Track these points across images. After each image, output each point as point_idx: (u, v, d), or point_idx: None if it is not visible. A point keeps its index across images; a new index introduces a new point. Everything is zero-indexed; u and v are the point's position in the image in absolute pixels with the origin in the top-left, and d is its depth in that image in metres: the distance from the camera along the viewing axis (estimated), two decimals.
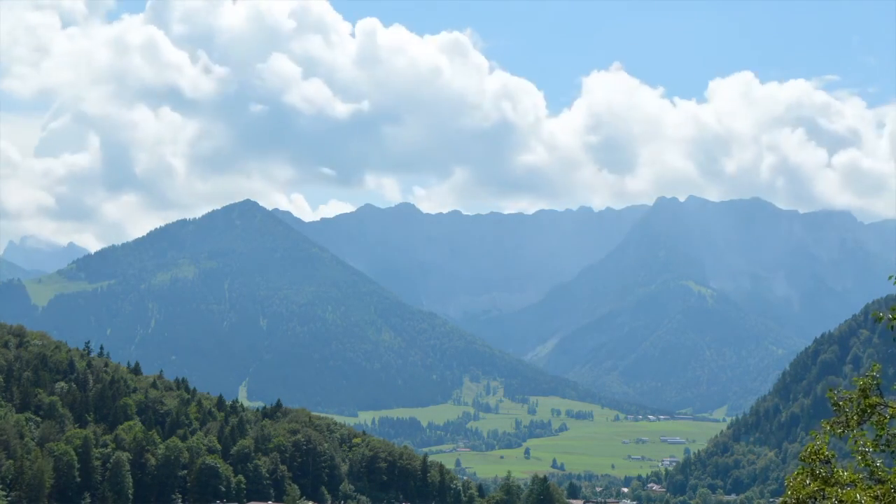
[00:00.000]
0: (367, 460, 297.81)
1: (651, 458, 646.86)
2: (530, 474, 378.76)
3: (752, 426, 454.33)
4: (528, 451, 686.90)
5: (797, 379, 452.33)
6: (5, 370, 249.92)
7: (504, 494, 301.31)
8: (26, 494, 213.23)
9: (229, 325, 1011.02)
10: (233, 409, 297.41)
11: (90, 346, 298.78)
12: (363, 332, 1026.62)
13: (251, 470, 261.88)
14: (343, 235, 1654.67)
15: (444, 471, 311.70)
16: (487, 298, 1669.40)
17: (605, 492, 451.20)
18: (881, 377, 34.34)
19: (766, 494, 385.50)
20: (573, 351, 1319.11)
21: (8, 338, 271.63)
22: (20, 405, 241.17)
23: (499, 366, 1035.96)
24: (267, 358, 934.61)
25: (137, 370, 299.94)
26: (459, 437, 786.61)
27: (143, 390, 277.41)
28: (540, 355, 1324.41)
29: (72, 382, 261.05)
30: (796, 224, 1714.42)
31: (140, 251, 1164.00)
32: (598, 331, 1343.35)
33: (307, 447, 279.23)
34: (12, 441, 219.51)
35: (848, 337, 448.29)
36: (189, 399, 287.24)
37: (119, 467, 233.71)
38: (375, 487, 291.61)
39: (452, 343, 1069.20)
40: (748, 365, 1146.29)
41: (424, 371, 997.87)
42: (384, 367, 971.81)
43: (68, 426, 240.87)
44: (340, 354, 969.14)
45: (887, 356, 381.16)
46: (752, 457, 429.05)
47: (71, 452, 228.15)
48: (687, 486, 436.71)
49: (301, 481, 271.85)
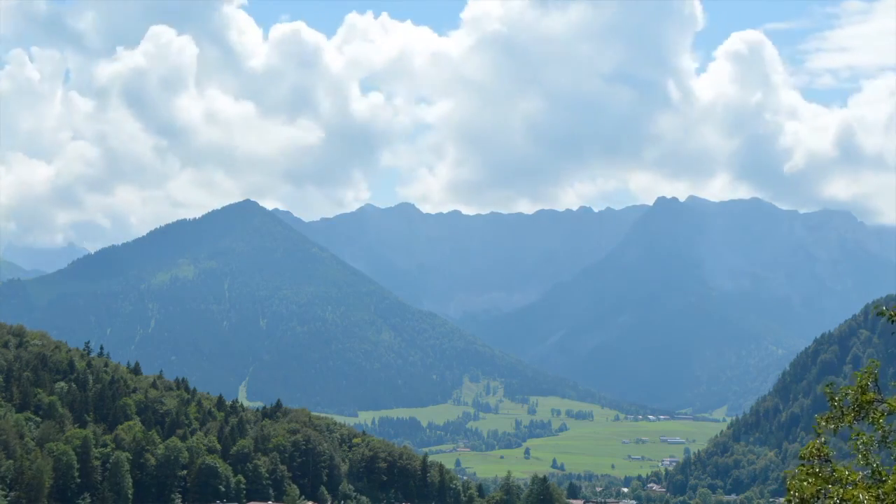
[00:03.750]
0: (366, 460, 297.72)
1: (651, 458, 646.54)
2: (530, 474, 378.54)
3: (752, 426, 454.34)
4: (528, 451, 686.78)
5: (797, 379, 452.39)
6: (5, 370, 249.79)
7: (504, 494, 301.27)
8: (26, 494, 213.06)
9: (229, 325, 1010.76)
10: (232, 409, 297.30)
11: (90, 346, 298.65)
12: (363, 332, 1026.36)
13: (251, 470, 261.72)
14: (343, 235, 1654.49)
15: (444, 471, 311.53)
16: (487, 298, 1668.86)
17: (605, 492, 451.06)
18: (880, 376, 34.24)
19: (766, 494, 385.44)
20: (573, 351, 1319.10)
21: (8, 338, 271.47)
22: (20, 405, 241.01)
23: (499, 366, 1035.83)
24: (267, 358, 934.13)
25: (137, 370, 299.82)
26: (459, 437, 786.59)
27: (143, 390, 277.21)
28: (540, 355, 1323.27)
29: (72, 382, 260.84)
30: (796, 224, 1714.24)
31: (140, 251, 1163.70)
32: (598, 331, 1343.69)
33: (307, 447, 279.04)
34: (12, 441, 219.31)
35: (848, 337, 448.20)
36: (189, 399, 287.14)
37: (118, 467, 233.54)
38: (375, 487, 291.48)
39: (452, 343, 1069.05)
40: (748, 365, 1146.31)
41: (424, 371, 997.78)
42: (384, 367, 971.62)
43: (68, 426, 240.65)
44: (340, 354, 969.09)
45: (887, 356, 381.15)
46: (752, 457, 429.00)
47: (70, 452, 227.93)
48: (687, 486, 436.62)
49: (301, 481, 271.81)
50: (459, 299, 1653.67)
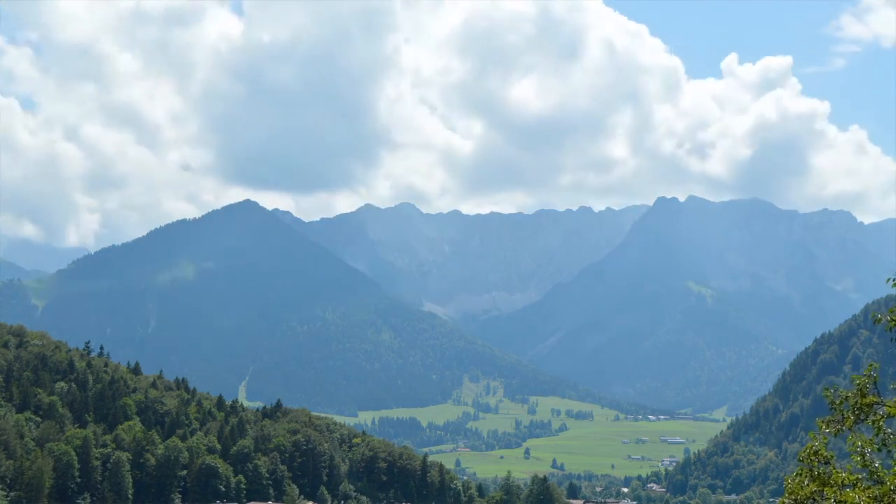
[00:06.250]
0: (366, 460, 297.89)
1: (651, 458, 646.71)
2: (530, 474, 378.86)
3: (752, 426, 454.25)
4: (528, 451, 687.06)
5: (797, 379, 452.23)
6: (5, 370, 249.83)
7: (504, 494, 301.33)
8: (26, 494, 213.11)
9: (229, 325, 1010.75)
10: (233, 409, 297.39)
11: (90, 346, 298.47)
12: (363, 332, 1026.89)
13: (251, 470, 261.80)
14: (343, 235, 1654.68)
15: (444, 471, 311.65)
16: (487, 298, 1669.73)
17: (605, 492, 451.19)
18: (880, 377, 34.30)
19: (765, 494, 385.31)
20: (573, 351, 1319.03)
21: (8, 338, 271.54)
22: (20, 405, 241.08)
23: (499, 366, 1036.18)
24: (267, 358, 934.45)
25: (137, 370, 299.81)
26: (459, 437, 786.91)
27: (143, 390, 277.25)
28: (540, 355, 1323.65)
29: (72, 382, 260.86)
30: (796, 224, 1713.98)
31: (140, 251, 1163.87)
32: (598, 331, 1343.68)
33: (307, 447, 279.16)
34: (12, 441, 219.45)
35: (848, 337, 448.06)
36: (189, 399, 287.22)
37: (119, 467, 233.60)
38: (375, 487, 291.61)
39: (452, 343, 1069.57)
40: (748, 365, 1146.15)
41: (424, 371, 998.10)
42: (384, 367, 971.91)
43: (68, 426, 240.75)
44: (340, 354, 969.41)
45: (887, 356, 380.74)
46: (752, 457, 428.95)
47: (71, 452, 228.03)
48: (687, 486, 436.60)
49: (301, 481, 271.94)
50: (459, 299, 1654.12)
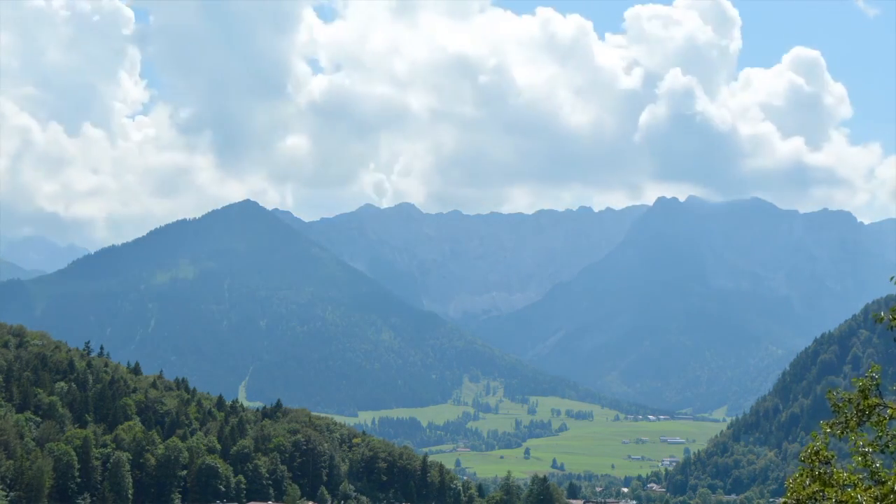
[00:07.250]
0: (366, 460, 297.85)
1: (651, 458, 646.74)
2: (530, 474, 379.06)
3: (752, 426, 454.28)
4: (528, 451, 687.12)
5: (797, 379, 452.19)
6: (5, 370, 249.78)
7: (504, 494, 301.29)
8: (26, 494, 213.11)
9: (229, 325, 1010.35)
10: (232, 409, 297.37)
11: (90, 346, 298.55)
12: (363, 332, 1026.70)
13: (251, 470, 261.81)
14: (343, 235, 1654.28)
15: (444, 471, 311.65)
16: (487, 298, 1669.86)
17: (605, 492, 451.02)
18: (881, 378, 34.29)
19: (765, 494, 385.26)
20: (573, 351, 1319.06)
21: (8, 338, 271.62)
22: (20, 405, 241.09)
23: (499, 366, 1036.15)
24: (267, 358, 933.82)
25: (137, 370, 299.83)
26: (459, 437, 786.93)
27: (143, 390, 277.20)
28: (540, 355, 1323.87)
29: (72, 382, 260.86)
30: (796, 224, 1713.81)
31: (140, 251, 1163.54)
32: (598, 331, 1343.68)
33: (307, 447, 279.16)
34: (12, 441, 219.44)
35: (848, 337, 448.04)
36: (189, 399, 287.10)
37: (119, 467, 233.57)
38: (375, 487, 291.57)
39: (452, 343, 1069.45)
40: (748, 365, 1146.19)
41: (424, 371, 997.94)
42: (384, 367, 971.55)
43: (68, 426, 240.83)
44: (340, 354, 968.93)
45: (887, 356, 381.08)
46: (752, 457, 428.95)
47: (71, 452, 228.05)
48: (687, 486, 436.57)
49: (301, 481, 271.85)
50: (459, 299, 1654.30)
